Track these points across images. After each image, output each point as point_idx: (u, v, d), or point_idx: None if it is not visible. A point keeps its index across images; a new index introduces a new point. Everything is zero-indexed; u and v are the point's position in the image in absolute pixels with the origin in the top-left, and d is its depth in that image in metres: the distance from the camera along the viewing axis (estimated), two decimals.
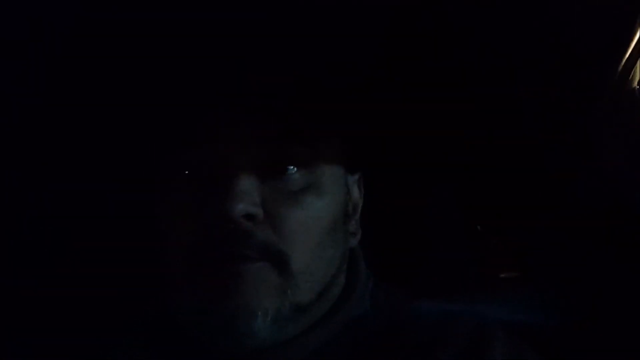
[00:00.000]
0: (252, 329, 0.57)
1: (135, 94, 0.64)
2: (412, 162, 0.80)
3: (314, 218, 0.60)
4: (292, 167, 0.60)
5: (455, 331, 0.62)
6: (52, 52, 0.65)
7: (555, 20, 0.67)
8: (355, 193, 0.69)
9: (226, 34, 0.62)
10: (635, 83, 0.72)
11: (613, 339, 0.70)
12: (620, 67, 0.70)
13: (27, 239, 0.78)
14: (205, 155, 0.60)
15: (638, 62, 0.70)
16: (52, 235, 0.78)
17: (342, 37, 0.64)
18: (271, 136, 0.60)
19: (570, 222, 0.79)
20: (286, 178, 0.60)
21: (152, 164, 0.64)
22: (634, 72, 0.71)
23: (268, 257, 0.58)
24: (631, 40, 0.68)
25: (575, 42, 0.68)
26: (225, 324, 0.58)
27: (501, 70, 0.72)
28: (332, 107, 0.64)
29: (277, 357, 0.60)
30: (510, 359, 0.60)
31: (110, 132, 0.69)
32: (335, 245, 0.63)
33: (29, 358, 0.64)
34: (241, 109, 0.60)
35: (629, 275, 0.74)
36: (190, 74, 0.62)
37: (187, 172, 0.61)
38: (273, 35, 0.62)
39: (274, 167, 0.60)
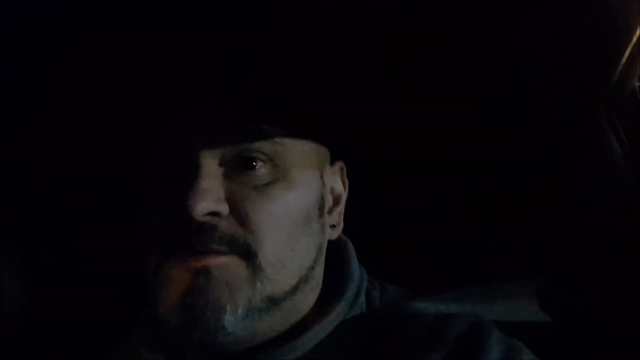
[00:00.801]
0: (224, 323, 0.57)
1: (132, 94, 0.64)
2: (412, 162, 0.80)
3: (283, 210, 0.60)
4: (258, 162, 0.60)
5: (451, 331, 0.62)
6: (52, 52, 0.65)
7: (555, 21, 0.67)
8: (337, 184, 0.68)
9: (226, 34, 0.62)
10: (635, 83, 0.72)
11: (612, 339, 0.70)
12: (620, 67, 0.70)
13: (27, 238, 0.78)
14: (176, 155, 0.61)
15: (638, 62, 0.70)
16: (52, 235, 0.78)
17: (342, 37, 0.64)
18: (258, 136, 0.60)
19: (570, 222, 0.79)
20: (253, 173, 0.60)
21: (142, 165, 0.64)
22: (634, 72, 0.71)
23: (235, 250, 0.58)
24: (631, 40, 0.68)
25: (575, 42, 0.68)
26: (198, 320, 0.58)
27: (501, 70, 0.72)
28: (332, 106, 0.64)
29: (271, 356, 0.60)
30: (504, 359, 0.60)
31: (109, 133, 0.69)
32: (310, 236, 0.63)
33: (29, 358, 0.64)
34: (240, 111, 0.61)
35: (628, 276, 0.73)
36: (190, 74, 0.62)
37: (160, 173, 0.61)
38: (273, 35, 0.62)
39: (240, 163, 0.60)
